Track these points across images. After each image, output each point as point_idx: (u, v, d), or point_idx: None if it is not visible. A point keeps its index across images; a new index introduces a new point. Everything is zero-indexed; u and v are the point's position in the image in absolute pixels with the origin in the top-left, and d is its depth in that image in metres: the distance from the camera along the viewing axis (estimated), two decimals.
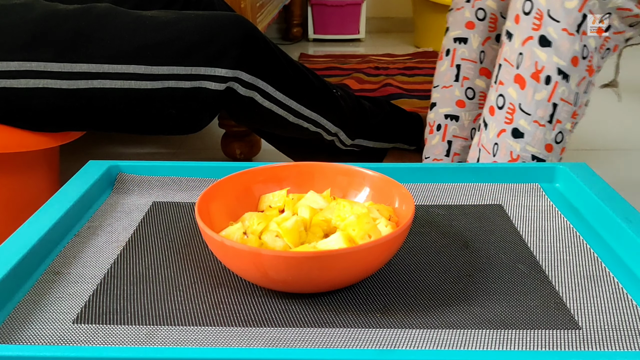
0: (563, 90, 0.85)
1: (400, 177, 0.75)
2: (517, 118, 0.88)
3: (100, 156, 0.82)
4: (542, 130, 0.87)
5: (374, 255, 0.51)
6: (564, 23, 0.83)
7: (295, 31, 3.06)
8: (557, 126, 0.87)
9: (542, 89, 0.86)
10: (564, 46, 0.84)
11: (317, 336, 0.47)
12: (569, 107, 0.87)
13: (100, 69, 0.94)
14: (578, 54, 0.84)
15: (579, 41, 0.83)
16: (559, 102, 0.86)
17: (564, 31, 0.83)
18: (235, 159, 1.42)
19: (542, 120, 0.87)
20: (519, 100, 0.87)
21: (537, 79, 0.85)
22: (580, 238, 0.62)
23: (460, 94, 1.05)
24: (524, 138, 0.88)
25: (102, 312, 0.50)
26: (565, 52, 0.84)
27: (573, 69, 0.84)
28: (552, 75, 0.85)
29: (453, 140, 1.07)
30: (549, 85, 0.85)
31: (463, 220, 0.66)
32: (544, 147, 0.88)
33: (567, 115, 0.87)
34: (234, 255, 0.50)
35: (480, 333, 0.48)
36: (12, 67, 0.93)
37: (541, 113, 0.86)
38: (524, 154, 0.89)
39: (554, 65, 0.84)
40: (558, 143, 0.88)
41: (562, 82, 0.84)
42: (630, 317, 0.49)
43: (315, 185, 0.66)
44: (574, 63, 0.84)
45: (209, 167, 0.76)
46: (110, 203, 0.71)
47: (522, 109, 0.87)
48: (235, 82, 1.00)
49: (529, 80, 0.86)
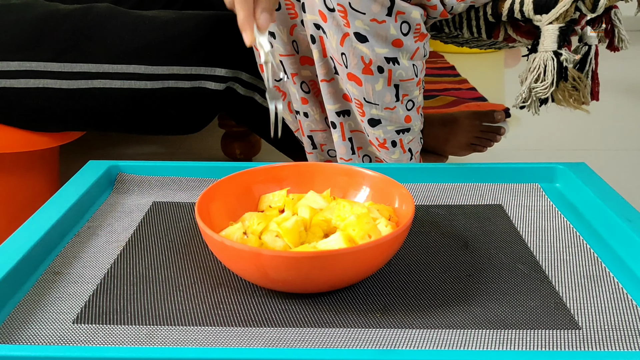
0: (399, 73, 0.84)
1: (400, 177, 0.75)
2: (367, 110, 0.87)
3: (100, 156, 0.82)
4: (395, 111, 0.87)
5: (374, 255, 0.51)
6: (370, 14, 0.79)
7: None
8: (404, 99, 0.87)
9: (378, 78, 0.84)
10: (380, 36, 0.80)
11: (317, 336, 0.47)
12: (410, 82, 0.86)
13: (100, 69, 0.94)
14: (398, 36, 0.81)
15: (393, 22, 0.79)
16: (398, 82, 0.85)
17: (374, 22, 0.79)
18: (235, 159, 1.42)
19: (392, 104, 0.86)
20: (362, 95, 0.86)
21: (370, 72, 0.83)
22: (580, 238, 0.62)
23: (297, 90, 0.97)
24: (382, 123, 0.88)
25: (102, 312, 0.50)
26: (384, 41, 0.81)
27: (398, 50, 0.82)
28: (382, 65, 0.83)
29: (313, 135, 1.01)
30: (383, 74, 0.84)
31: (463, 220, 0.66)
32: (403, 121, 0.88)
33: (412, 87, 0.86)
34: (234, 255, 0.50)
35: (480, 333, 0.48)
36: (12, 67, 0.93)
37: (388, 99, 0.86)
38: (389, 135, 0.89)
39: (380, 56, 0.82)
40: (411, 109, 0.88)
41: (394, 67, 0.83)
42: (630, 317, 0.49)
43: (315, 185, 0.66)
44: (397, 45, 0.81)
45: (209, 167, 0.77)
46: (110, 203, 0.71)
47: (368, 101, 0.86)
48: (235, 82, 1.00)
49: (362, 77, 0.84)
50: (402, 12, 0.79)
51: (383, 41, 0.81)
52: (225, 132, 1.42)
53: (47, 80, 0.93)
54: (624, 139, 1.61)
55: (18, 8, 0.95)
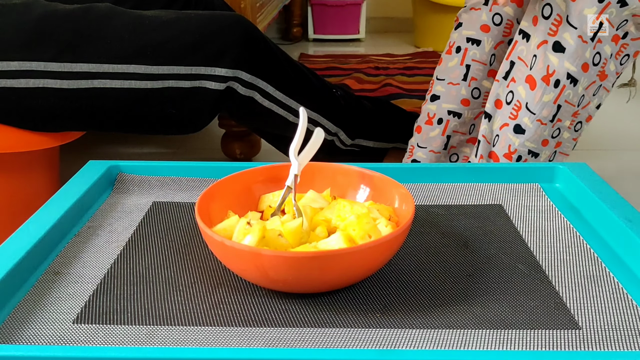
0: (569, 93, 0.87)
1: (400, 177, 0.75)
2: (521, 115, 0.91)
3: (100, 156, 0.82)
4: (542, 128, 0.90)
5: (374, 255, 0.51)
6: (580, 30, 0.84)
7: (295, 31, 3.06)
8: (557, 124, 0.90)
9: (550, 91, 0.88)
10: (576, 53, 0.85)
11: (317, 336, 0.47)
12: (571, 108, 0.89)
13: (100, 69, 0.94)
14: (589, 61, 0.86)
15: (591, 48, 0.85)
16: (563, 103, 0.88)
17: (579, 38, 0.85)
18: (235, 159, 1.42)
19: (545, 120, 0.89)
20: (527, 99, 0.90)
21: (547, 82, 0.88)
22: (580, 238, 0.62)
23: (467, 93, 1.07)
24: (525, 135, 0.91)
25: (102, 312, 0.50)
26: (577, 59, 0.86)
27: (583, 74, 0.86)
28: (561, 80, 0.87)
29: (452, 135, 1.10)
30: (557, 89, 0.88)
31: (463, 220, 0.66)
32: (540, 143, 0.91)
33: (568, 115, 0.90)
34: (234, 255, 0.50)
35: (480, 333, 0.48)
36: (13, 67, 0.93)
37: (546, 113, 0.89)
38: (521, 149, 0.92)
39: (565, 70, 0.86)
40: (554, 138, 0.92)
41: (569, 86, 0.87)
42: (630, 317, 0.49)
43: (315, 185, 0.66)
44: (584, 69, 0.86)
45: (209, 167, 0.76)
46: (110, 203, 0.71)
47: (529, 107, 0.90)
48: (235, 81, 1.00)
49: (539, 82, 0.88)
50: (601, 40, 0.85)
51: (574, 58, 0.86)
52: (225, 132, 1.42)
53: (47, 80, 0.93)
54: (624, 139, 1.61)
55: (18, 8, 0.95)
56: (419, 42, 2.86)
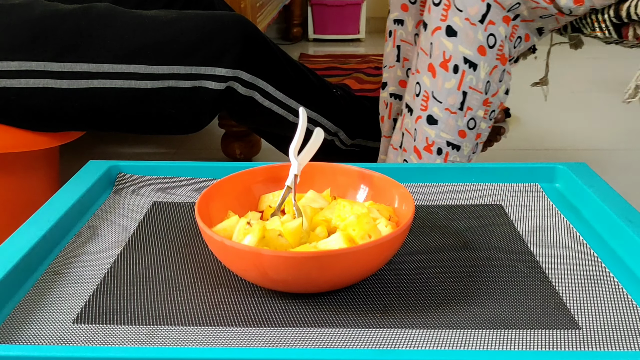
0: (471, 78, 0.87)
1: (400, 177, 0.75)
2: (430, 105, 0.91)
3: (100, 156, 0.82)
4: (453, 118, 0.90)
5: (374, 255, 0.51)
6: (466, 13, 0.85)
7: (295, 31, 3.06)
8: (468, 113, 0.90)
9: (450, 77, 0.88)
10: (468, 36, 0.85)
11: (317, 336, 0.47)
12: (479, 95, 0.89)
13: (100, 69, 0.94)
14: (483, 43, 0.85)
15: (482, 30, 0.84)
16: (468, 90, 0.88)
17: (467, 20, 0.85)
18: (235, 159, 1.42)
19: (453, 108, 0.89)
20: (432, 88, 0.90)
21: (446, 68, 0.88)
22: (580, 238, 0.62)
23: (402, 74, 1.09)
24: (438, 125, 0.91)
25: (102, 312, 0.50)
26: (470, 42, 0.85)
27: (480, 57, 0.86)
28: (459, 64, 0.87)
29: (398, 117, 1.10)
30: (457, 74, 0.88)
31: (463, 220, 0.66)
32: (457, 134, 0.91)
33: (478, 103, 0.89)
34: (234, 255, 0.50)
35: (480, 333, 0.48)
36: (13, 67, 0.93)
37: (452, 101, 0.89)
38: (438, 140, 0.92)
39: (460, 54, 0.86)
40: (471, 129, 0.91)
41: (469, 71, 0.87)
42: (630, 317, 0.49)
43: (315, 185, 0.66)
44: (481, 52, 0.86)
45: (209, 167, 0.76)
46: (110, 203, 0.71)
47: (435, 96, 0.90)
48: (235, 81, 1.00)
49: (438, 69, 0.89)
50: (493, 22, 0.85)
51: (469, 42, 0.86)
52: (225, 132, 1.42)
53: (47, 80, 0.93)
54: (624, 139, 1.61)
55: (18, 8, 0.95)
56: None
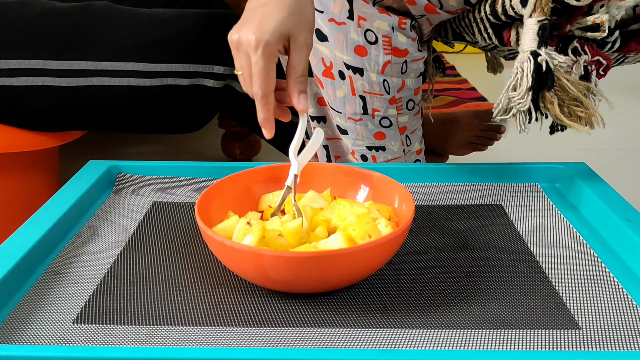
0: (362, 83, 0.77)
1: (400, 177, 0.75)
2: (335, 116, 0.83)
3: (100, 156, 0.82)
4: (361, 124, 0.81)
5: (374, 255, 0.51)
6: (328, 13, 0.73)
7: None
8: (375, 115, 0.80)
9: (340, 84, 0.78)
10: (339, 39, 0.75)
11: (317, 336, 0.47)
12: (379, 97, 0.78)
13: (98, 67, 0.94)
14: (361, 42, 0.74)
15: (354, 27, 0.73)
16: (364, 94, 0.78)
17: (332, 22, 0.74)
18: (235, 159, 1.42)
19: (356, 116, 0.80)
20: (327, 99, 0.82)
21: (331, 76, 0.78)
22: (580, 238, 0.62)
23: None
24: (349, 134, 0.83)
25: (102, 312, 0.50)
26: (343, 44, 0.74)
27: (363, 59, 0.75)
28: (343, 70, 0.77)
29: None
30: (345, 80, 0.77)
31: (463, 220, 0.66)
32: (373, 137, 0.82)
33: (383, 104, 0.79)
34: (234, 255, 0.50)
35: (480, 333, 0.48)
36: (12, 66, 0.92)
37: (351, 109, 0.80)
38: (357, 148, 0.85)
39: (339, 60, 0.76)
40: (388, 127, 0.82)
41: (356, 77, 0.76)
42: (630, 317, 0.49)
43: (315, 185, 0.66)
44: (360, 53, 0.74)
45: (209, 167, 0.76)
46: (110, 203, 0.71)
47: (332, 107, 0.82)
48: (233, 79, 1.00)
49: (323, 80, 0.80)
50: (364, 17, 0.73)
51: (342, 45, 0.75)
52: (225, 132, 1.42)
53: (45, 78, 0.93)
54: (624, 139, 1.61)
55: (16, 6, 0.95)
56: None
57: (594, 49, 0.65)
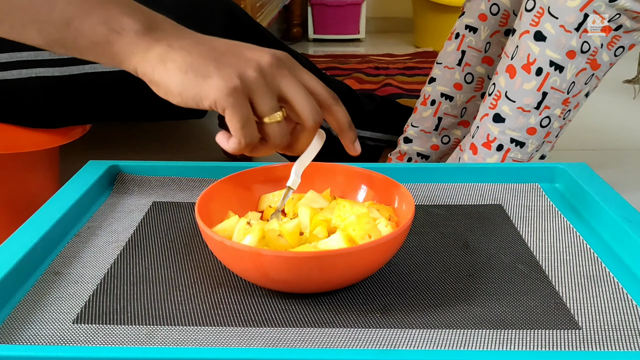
0: (555, 80, 0.87)
1: (400, 177, 0.75)
2: (500, 104, 0.92)
3: (100, 156, 0.82)
4: (525, 116, 0.90)
5: (374, 255, 0.51)
6: (562, 20, 0.85)
7: (295, 31, 3.06)
8: (544, 111, 0.90)
9: (531, 79, 0.89)
10: (559, 41, 0.86)
11: (317, 336, 0.47)
12: (559, 95, 0.89)
13: None
14: (575, 49, 0.86)
15: (576, 38, 0.85)
16: (549, 90, 0.88)
17: (561, 27, 0.85)
18: (235, 159, 1.42)
19: (528, 107, 0.90)
20: (506, 88, 0.91)
21: (528, 70, 0.88)
22: (580, 238, 0.62)
23: (460, 77, 1.11)
24: (505, 123, 0.91)
25: (102, 312, 0.50)
26: (560, 47, 0.86)
27: (568, 61, 0.87)
28: (543, 67, 0.87)
29: (444, 117, 1.14)
30: (539, 77, 0.88)
31: (463, 220, 0.66)
32: (525, 131, 0.91)
33: (557, 102, 0.90)
34: (234, 255, 0.50)
35: (480, 333, 0.48)
36: (3, 59, 0.92)
37: (528, 101, 0.89)
38: (501, 137, 0.92)
39: (547, 58, 0.87)
40: (544, 127, 0.91)
41: (554, 73, 0.87)
42: (630, 317, 0.49)
43: (315, 185, 0.66)
44: (570, 56, 0.86)
45: (209, 167, 0.76)
46: (110, 203, 0.71)
47: (507, 96, 0.91)
48: None
49: (519, 71, 0.90)
50: (587, 31, 0.85)
51: (557, 47, 0.86)
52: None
53: (39, 69, 0.93)
54: (624, 139, 1.61)
55: None
56: (419, 42, 2.86)
57: None
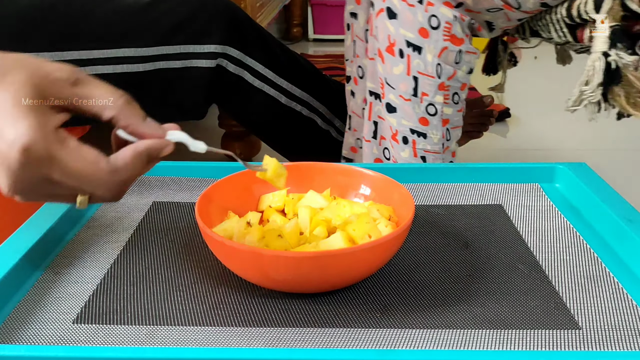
0: (418, 63, 0.83)
1: (400, 177, 0.75)
2: (387, 92, 0.88)
3: None
4: (409, 105, 0.86)
5: (374, 255, 0.51)
6: None
7: (295, 31, 3.06)
8: (424, 99, 0.85)
9: (398, 62, 0.84)
10: (406, 17, 0.81)
11: (317, 336, 0.47)
12: (430, 80, 0.84)
13: (90, 55, 0.94)
14: (425, 25, 0.81)
15: (422, 12, 0.80)
16: (418, 75, 0.84)
17: (404, 1, 0.81)
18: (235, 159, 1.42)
19: (407, 95, 0.85)
20: (384, 75, 0.87)
21: (392, 53, 0.84)
22: (580, 238, 0.62)
23: (357, 72, 1.05)
24: (397, 113, 0.88)
25: (102, 312, 0.50)
26: (409, 23, 0.81)
27: (424, 40, 0.82)
28: (403, 49, 0.83)
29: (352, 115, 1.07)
30: (403, 59, 0.84)
31: (463, 220, 0.66)
32: (417, 121, 0.87)
33: (432, 88, 0.85)
34: (234, 255, 0.50)
35: (480, 333, 0.48)
36: None
37: (404, 87, 0.85)
38: (401, 129, 0.88)
39: (402, 38, 0.83)
40: (433, 115, 0.86)
41: (414, 55, 0.83)
42: (630, 317, 0.49)
43: (315, 185, 0.66)
44: (423, 34, 0.82)
45: (209, 167, 0.76)
46: (110, 203, 0.71)
47: (388, 83, 0.87)
48: (224, 58, 1.01)
49: (385, 54, 0.86)
50: (432, 3, 0.80)
51: (409, 24, 0.81)
52: (225, 132, 1.42)
53: None
54: (624, 139, 1.61)
55: (4, 1, 0.95)
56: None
57: None
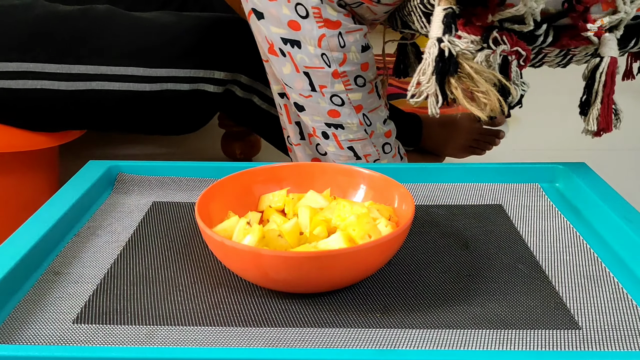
0: (302, 58, 0.77)
1: (400, 177, 0.75)
2: (289, 92, 0.83)
3: (100, 156, 0.82)
4: (312, 101, 0.81)
5: (374, 255, 0.51)
6: None
7: None
8: (325, 91, 0.80)
9: (284, 62, 0.79)
10: (271, 13, 0.76)
11: (317, 336, 0.47)
12: (322, 72, 0.79)
13: (98, 71, 0.94)
14: (293, 17, 0.75)
15: (285, 3, 0.74)
16: (307, 70, 0.79)
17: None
18: (235, 159, 1.42)
19: (306, 92, 0.80)
20: (280, 76, 0.83)
21: (275, 54, 0.79)
22: (580, 238, 0.62)
23: None
24: (306, 110, 0.83)
25: (102, 312, 0.50)
26: (278, 20, 0.75)
27: (297, 33, 0.76)
28: (282, 47, 0.78)
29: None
30: (286, 57, 0.79)
31: (463, 220, 0.66)
32: (327, 115, 0.82)
33: (328, 79, 0.79)
34: (234, 255, 0.50)
35: (480, 333, 0.48)
36: (11, 68, 0.93)
37: (299, 85, 0.80)
38: (317, 125, 0.84)
39: (276, 36, 0.77)
40: (341, 106, 0.81)
41: (295, 51, 0.77)
42: (630, 317, 0.49)
43: (315, 185, 0.66)
44: (294, 27, 0.76)
45: (209, 167, 0.76)
46: (110, 203, 0.71)
47: (286, 83, 0.83)
48: (234, 84, 1.01)
49: (270, 57, 0.81)
50: None
51: (277, 21, 0.75)
52: (225, 132, 1.42)
53: (45, 81, 0.93)
54: (624, 139, 1.61)
55: (18, 9, 0.95)
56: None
57: (513, 39, 0.66)
